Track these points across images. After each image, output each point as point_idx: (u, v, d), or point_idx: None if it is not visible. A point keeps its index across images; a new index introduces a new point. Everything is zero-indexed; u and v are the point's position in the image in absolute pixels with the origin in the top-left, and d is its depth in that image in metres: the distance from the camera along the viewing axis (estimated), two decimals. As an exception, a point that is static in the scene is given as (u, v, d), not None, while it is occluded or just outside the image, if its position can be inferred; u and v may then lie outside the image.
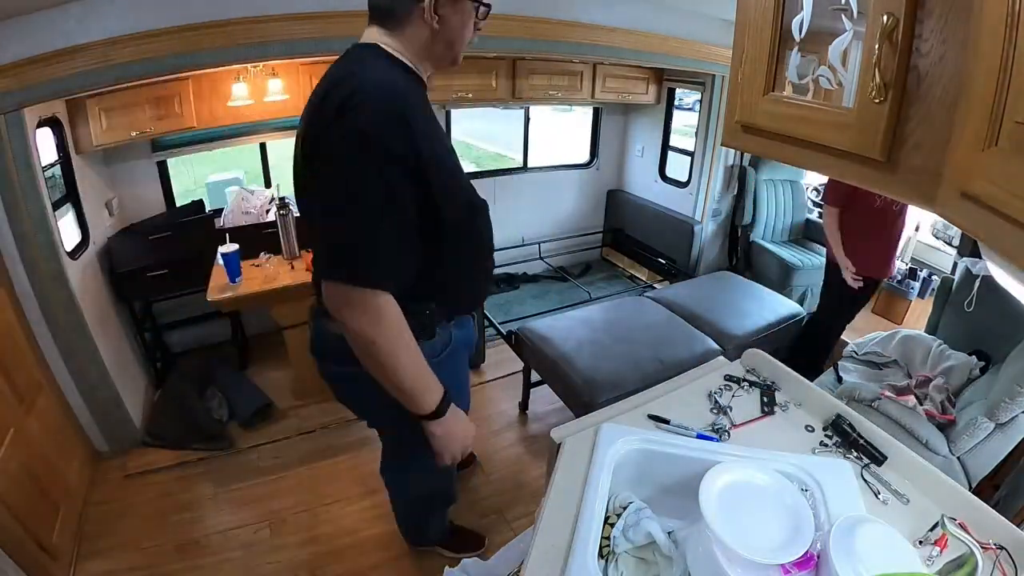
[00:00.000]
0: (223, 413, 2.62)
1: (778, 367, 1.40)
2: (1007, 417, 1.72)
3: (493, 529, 2.05)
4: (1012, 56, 0.49)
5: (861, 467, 1.11)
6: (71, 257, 2.11)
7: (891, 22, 0.62)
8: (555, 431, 1.19)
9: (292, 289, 2.43)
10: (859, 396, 2.02)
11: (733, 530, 0.84)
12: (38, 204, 1.91)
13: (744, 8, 0.89)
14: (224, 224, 2.78)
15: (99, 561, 1.92)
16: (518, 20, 2.52)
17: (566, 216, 4.30)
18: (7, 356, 1.83)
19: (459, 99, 3.06)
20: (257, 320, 3.16)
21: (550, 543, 0.92)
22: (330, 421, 2.64)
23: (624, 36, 2.82)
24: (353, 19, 2.20)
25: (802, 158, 0.84)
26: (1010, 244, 0.52)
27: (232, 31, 2.01)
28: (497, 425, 2.63)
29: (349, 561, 1.93)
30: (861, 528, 0.84)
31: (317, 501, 2.17)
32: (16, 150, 1.82)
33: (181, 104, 2.40)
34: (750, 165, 3.63)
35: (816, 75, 0.78)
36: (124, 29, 1.86)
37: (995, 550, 0.90)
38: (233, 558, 1.93)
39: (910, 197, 0.68)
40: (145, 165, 2.77)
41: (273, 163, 3.21)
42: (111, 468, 2.33)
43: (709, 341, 2.42)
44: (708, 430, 1.20)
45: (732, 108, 0.97)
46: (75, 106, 2.18)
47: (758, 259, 3.62)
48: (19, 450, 1.74)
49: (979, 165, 0.54)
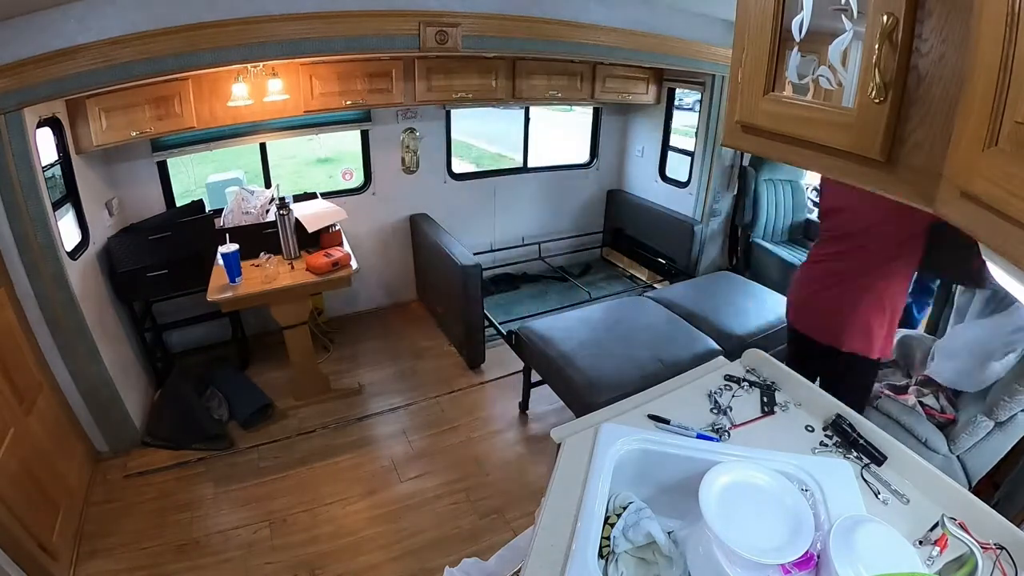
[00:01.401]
0: (223, 413, 2.62)
1: (778, 367, 1.40)
2: (1006, 415, 1.72)
3: (493, 529, 2.05)
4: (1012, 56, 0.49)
5: (861, 467, 1.11)
6: (71, 257, 2.11)
7: (891, 22, 0.62)
8: (555, 431, 1.19)
9: (292, 289, 2.44)
10: (859, 396, 2.02)
11: (733, 530, 0.84)
12: (38, 204, 1.91)
13: (744, 8, 0.89)
14: (224, 224, 2.78)
15: (99, 561, 1.92)
16: (518, 20, 2.52)
17: (566, 216, 4.31)
18: (7, 356, 1.83)
19: (459, 99, 3.06)
20: (257, 320, 3.17)
21: (550, 543, 0.92)
22: (330, 421, 2.64)
23: (624, 36, 2.82)
24: (353, 19, 2.21)
25: (802, 158, 0.84)
26: (1010, 244, 0.52)
27: (232, 31, 2.01)
28: (497, 425, 2.63)
29: (349, 561, 1.93)
30: (861, 528, 0.84)
31: (317, 501, 2.17)
32: (16, 150, 1.82)
33: (181, 104, 2.40)
34: (750, 165, 3.63)
35: (816, 75, 0.78)
36: (124, 29, 1.86)
37: (995, 550, 0.90)
38: (233, 558, 1.94)
39: (910, 197, 0.68)
40: (145, 165, 2.77)
41: (273, 163, 3.21)
42: (111, 468, 2.33)
43: (709, 341, 2.42)
44: (708, 430, 1.20)
45: (732, 108, 0.97)
46: (75, 106, 2.18)
47: (758, 259, 3.62)
48: (19, 450, 1.74)
49: (979, 165, 0.54)
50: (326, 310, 3.44)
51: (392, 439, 2.55)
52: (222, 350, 3.09)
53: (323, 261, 2.46)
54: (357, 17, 2.20)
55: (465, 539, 2.02)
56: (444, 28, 2.37)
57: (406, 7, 2.29)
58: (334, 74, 2.66)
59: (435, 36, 2.37)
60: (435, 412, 2.73)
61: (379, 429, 2.62)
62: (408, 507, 2.16)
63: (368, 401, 2.80)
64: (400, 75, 2.81)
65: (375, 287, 3.66)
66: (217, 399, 2.67)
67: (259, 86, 2.53)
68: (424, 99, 2.94)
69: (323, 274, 2.46)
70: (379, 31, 2.28)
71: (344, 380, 2.96)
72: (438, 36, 2.38)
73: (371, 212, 3.45)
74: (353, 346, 3.30)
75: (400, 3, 2.27)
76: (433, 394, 2.84)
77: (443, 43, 2.40)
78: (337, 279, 2.50)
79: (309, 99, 2.68)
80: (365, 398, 2.83)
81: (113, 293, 2.50)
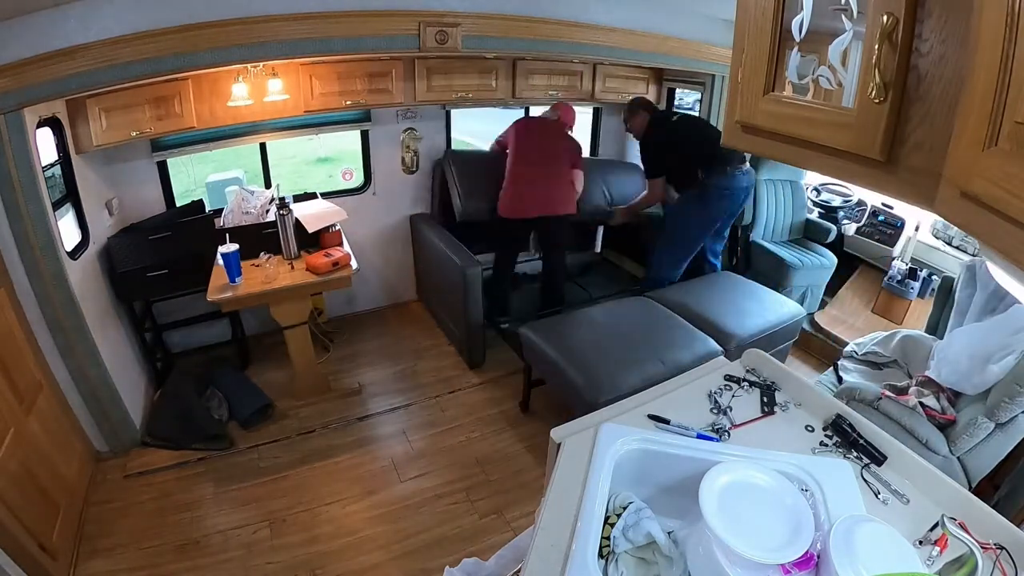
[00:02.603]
0: (223, 413, 2.62)
1: (778, 367, 1.40)
2: (1007, 417, 1.72)
3: (493, 529, 2.05)
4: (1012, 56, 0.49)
5: (861, 467, 1.11)
6: (71, 257, 2.11)
7: (891, 22, 0.62)
8: (555, 431, 1.19)
9: (292, 289, 2.44)
10: (859, 396, 2.02)
11: (733, 530, 0.84)
12: (38, 204, 1.91)
13: (744, 8, 0.89)
14: (224, 224, 2.77)
15: (99, 561, 1.92)
16: (518, 20, 2.52)
17: (566, 216, 4.29)
18: (7, 356, 1.83)
19: (459, 99, 3.06)
20: (257, 320, 3.17)
21: (550, 543, 0.92)
22: (330, 421, 2.64)
23: (624, 36, 2.82)
24: (353, 19, 2.20)
25: (802, 158, 0.84)
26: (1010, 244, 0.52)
27: (232, 31, 2.01)
28: (497, 425, 2.63)
29: (349, 561, 1.93)
30: (861, 528, 0.84)
31: (317, 501, 2.18)
32: (16, 150, 1.82)
33: (181, 104, 2.40)
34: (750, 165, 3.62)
35: (816, 75, 0.78)
36: (124, 29, 1.86)
37: (995, 550, 0.90)
38: (233, 558, 1.94)
39: (910, 197, 0.68)
40: (145, 165, 2.77)
41: (273, 163, 3.21)
42: (111, 468, 2.33)
43: (709, 341, 2.42)
44: (708, 430, 1.20)
45: (732, 108, 0.97)
46: (75, 106, 2.18)
47: (758, 259, 3.61)
48: (19, 450, 1.74)
49: (979, 165, 0.54)
50: (326, 310, 3.44)
51: (392, 439, 2.55)
52: (222, 350, 3.08)
53: (323, 261, 2.46)
54: (357, 17, 2.20)
55: (465, 539, 2.02)
56: (444, 28, 2.37)
57: (406, 7, 2.29)
58: (334, 74, 2.66)
59: (435, 36, 2.37)
60: (435, 412, 2.73)
61: (379, 429, 2.62)
62: (408, 507, 2.16)
63: (368, 401, 2.81)
64: (400, 75, 2.81)
65: (375, 287, 3.66)
66: (217, 399, 2.66)
67: (259, 86, 2.53)
68: (424, 99, 2.94)
69: (323, 274, 2.46)
70: (379, 31, 2.28)
71: (344, 380, 2.96)
72: (438, 36, 2.38)
73: (371, 212, 3.45)
74: (353, 346, 3.30)
75: (400, 3, 2.27)
76: (433, 394, 2.84)
77: (443, 43, 2.40)
78: (337, 279, 2.50)
79: (309, 99, 2.68)
80: (365, 398, 2.83)
81: (113, 293, 2.50)
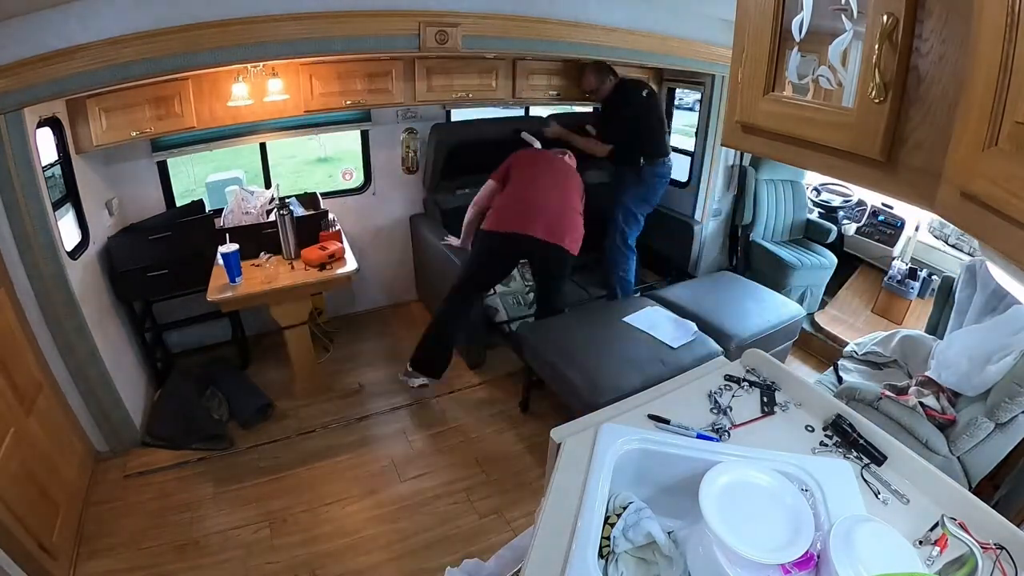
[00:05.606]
0: (223, 413, 2.62)
1: (778, 367, 1.40)
2: (1007, 417, 1.72)
3: (493, 529, 2.05)
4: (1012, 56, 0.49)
5: (861, 467, 1.11)
6: (71, 257, 2.11)
7: (891, 22, 0.62)
8: (555, 431, 1.19)
9: (292, 289, 2.44)
10: (859, 396, 2.02)
11: (733, 530, 0.84)
12: (38, 204, 1.91)
13: (744, 8, 0.89)
14: (224, 224, 2.77)
15: (99, 561, 1.92)
16: (518, 20, 2.52)
17: (566, 216, 4.29)
18: (7, 356, 1.83)
19: (459, 99, 3.06)
20: (257, 320, 3.16)
21: (550, 543, 0.92)
22: (330, 421, 2.64)
23: (624, 36, 2.82)
24: (353, 19, 2.20)
25: (802, 158, 0.84)
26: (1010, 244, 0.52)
27: (232, 31, 2.01)
28: (497, 425, 2.63)
29: (349, 561, 1.93)
30: (861, 528, 0.84)
31: (317, 501, 2.17)
32: (16, 150, 1.82)
33: (181, 104, 2.40)
34: (750, 165, 3.63)
35: (816, 75, 0.78)
36: (124, 29, 1.86)
37: (995, 550, 0.90)
38: (233, 558, 1.94)
39: (910, 197, 0.68)
40: (145, 165, 2.77)
41: (273, 163, 3.21)
42: (111, 468, 2.33)
43: (709, 341, 2.42)
44: (708, 430, 1.20)
45: (732, 108, 0.97)
46: (75, 106, 2.18)
47: (758, 259, 3.62)
48: (19, 450, 1.74)
49: (979, 165, 0.54)
50: (326, 310, 3.44)
51: (392, 439, 2.55)
52: (222, 350, 3.08)
53: (318, 253, 2.48)
54: (357, 17, 2.20)
55: (465, 539, 2.02)
56: (444, 28, 2.37)
57: (406, 7, 2.28)
58: (334, 74, 2.66)
59: (435, 36, 2.37)
60: (435, 412, 2.73)
61: (379, 429, 2.62)
62: (408, 507, 2.16)
63: (368, 401, 2.80)
64: (400, 75, 2.80)
65: (375, 287, 3.66)
66: (217, 399, 2.66)
67: (259, 86, 2.53)
68: (424, 99, 2.94)
69: (318, 265, 2.47)
70: (379, 31, 2.27)
71: (344, 380, 2.96)
72: (438, 36, 2.38)
73: (371, 212, 3.45)
74: (353, 346, 3.30)
75: (400, 3, 2.27)
76: (433, 394, 2.84)
77: (443, 43, 2.40)
78: (337, 279, 2.50)
79: (309, 99, 2.67)
80: (365, 398, 2.83)
81: (113, 293, 2.49)
